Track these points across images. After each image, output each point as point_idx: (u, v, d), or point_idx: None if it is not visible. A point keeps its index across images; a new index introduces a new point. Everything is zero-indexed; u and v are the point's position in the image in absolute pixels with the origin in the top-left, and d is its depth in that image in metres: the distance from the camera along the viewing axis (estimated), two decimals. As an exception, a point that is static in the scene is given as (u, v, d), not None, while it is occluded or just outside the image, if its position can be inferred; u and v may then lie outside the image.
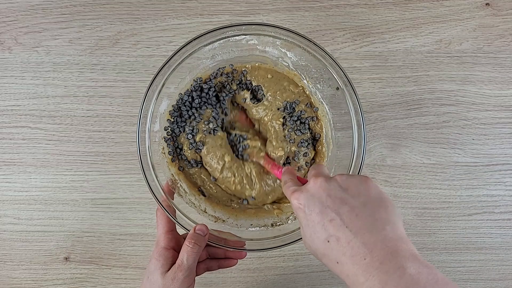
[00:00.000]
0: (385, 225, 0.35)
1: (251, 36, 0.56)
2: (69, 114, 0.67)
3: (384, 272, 0.32)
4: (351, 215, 0.35)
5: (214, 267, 0.55)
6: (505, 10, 0.68)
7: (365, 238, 0.34)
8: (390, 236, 0.34)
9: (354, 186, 0.38)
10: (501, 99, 0.67)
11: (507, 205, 0.67)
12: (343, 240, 0.35)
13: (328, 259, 0.36)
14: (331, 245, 0.36)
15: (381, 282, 0.32)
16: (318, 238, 0.37)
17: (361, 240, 0.34)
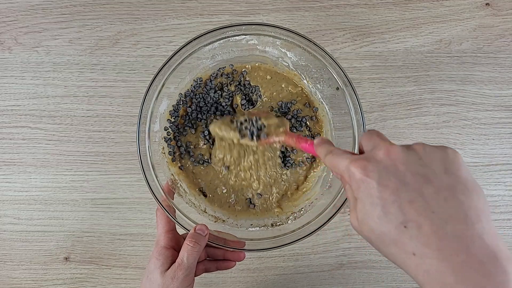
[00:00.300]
0: (480, 216, 0.28)
1: (251, 36, 0.56)
2: (69, 114, 0.67)
3: (485, 276, 0.26)
4: (438, 198, 0.28)
5: (212, 268, 0.55)
6: (505, 10, 0.68)
7: (459, 229, 0.27)
8: (487, 231, 0.28)
9: (439, 161, 0.30)
10: (501, 99, 0.67)
11: (507, 205, 0.67)
12: (427, 227, 0.28)
13: (398, 248, 0.29)
14: (408, 231, 0.28)
15: (477, 286, 0.26)
16: (389, 221, 0.29)
17: (453, 231, 0.27)
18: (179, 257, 0.48)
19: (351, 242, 0.66)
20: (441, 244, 0.27)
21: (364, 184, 0.31)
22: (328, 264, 0.67)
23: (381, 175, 0.30)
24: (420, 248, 0.28)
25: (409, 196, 0.29)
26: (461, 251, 0.27)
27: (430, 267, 0.28)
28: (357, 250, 0.66)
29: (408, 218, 0.29)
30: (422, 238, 0.28)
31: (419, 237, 0.28)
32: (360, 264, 0.66)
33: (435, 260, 0.27)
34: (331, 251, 0.67)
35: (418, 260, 0.28)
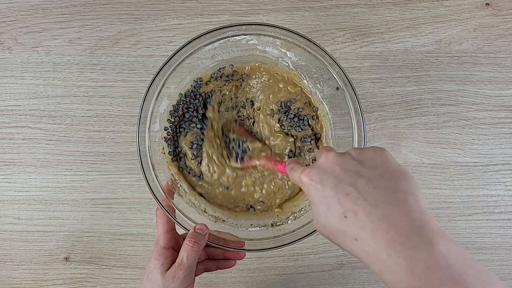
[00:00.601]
0: (407, 197, 0.32)
1: (251, 36, 0.56)
2: (69, 114, 0.67)
3: (410, 248, 0.29)
4: (368, 188, 0.33)
5: (213, 268, 0.55)
6: (505, 10, 0.68)
7: (387, 211, 0.31)
8: (413, 208, 0.31)
9: (369, 158, 0.35)
10: (501, 99, 0.67)
11: (507, 205, 0.67)
12: (361, 213, 0.32)
13: (345, 237, 0.33)
14: (348, 220, 0.32)
15: (407, 258, 0.29)
16: (333, 215, 0.34)
17: (382, 213, 0.31)
18: (179, 257, 0.48)
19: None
20: (373, 225, 0.31)
21: (311, 188, 0.36)
22: (328, 264, 0.67)
23: (322, 177, 0.35)
24: (359, 233, 0.32)
25: (344, 190, 0.33)
26: (389, 228, 0.30)
27: (368, 248, 0.31)
28: (357, 250, 0.66)
29: (346, 209, 0.33)
30: (358, 223, 0.32)
31: (356, 223, 0.32)
32: (360, 264, 0.66)
33: (371, 240, 0.31)
34: (331, 251, 0.67)
35: (359, 244, 0.32)
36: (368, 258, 0.32)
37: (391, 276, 0.30)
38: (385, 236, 0.30)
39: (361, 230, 0.32)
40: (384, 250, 0.30)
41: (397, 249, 0.30)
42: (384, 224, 0.31)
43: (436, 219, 0.66)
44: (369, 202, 0.32)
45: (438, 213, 0.67)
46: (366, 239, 0.31)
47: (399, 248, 0.30)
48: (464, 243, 0.67)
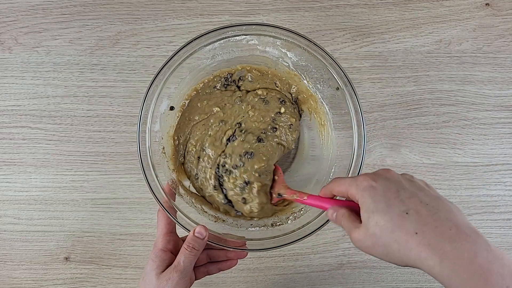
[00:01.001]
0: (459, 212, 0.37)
1: (251, 36, 0.56)
2: (69, 114, 0.67)
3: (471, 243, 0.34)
4: (429, 198, 0.37)
5: (214, 270, 0.55)
6: (505, 10, 0.68)
7: (448, 216, 0.36)
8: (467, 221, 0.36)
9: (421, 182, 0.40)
10: (501, 99, 0.68)
11: (507, 205, 0.67)
12: (424, 213, 0.36)
13: (402, 232, 0.36)
14: (410, 216, 0.36)
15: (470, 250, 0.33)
16: (392, 211, 0.36)
17: (445, 216, 0.36)
18: (176, 260, 0.48)
19: (351, 242, 0.66)
20: (436, 223, 0.35)
21: (370, 189, 0.38)
22: (328, 264, 0.67)
23: (384, 183, 0.39)
24: (420, 228, 0.35)
25: (407, 194, 0.37)
26: (452, 227, 0.35)
27: (430, 241, 0.34)
28: (357, 250, 0.66)
29: (409, 208, 0.36)
30: (421, 220, 0.36)
31: (419, 220, 0.36)
32: (360, 264, 0.66)
33: (433, 234, 0.35)
34: (331, 251, 0.67)
35: (419, 237, 0.35)
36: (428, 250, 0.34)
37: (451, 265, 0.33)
38: (448, 232, 0.34)
39: (423, 225, 0.35)
40: (448, 243, 0.34)
41: (460, 243, 0.34)
42: (447, 224, 0.35)
43: (436, 219, 0.66)
44: (432, 206, 0.36)
45: (438, 213, 0.67)
46: (428, 233, 0.35)
47: (462, 243, 0.34)
48: (464, 243, 0.67)
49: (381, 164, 0.67)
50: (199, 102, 0.61)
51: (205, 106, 0.60)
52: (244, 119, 0.60)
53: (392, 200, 0.37)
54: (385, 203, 0.37)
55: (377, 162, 0.67)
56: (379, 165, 0.67)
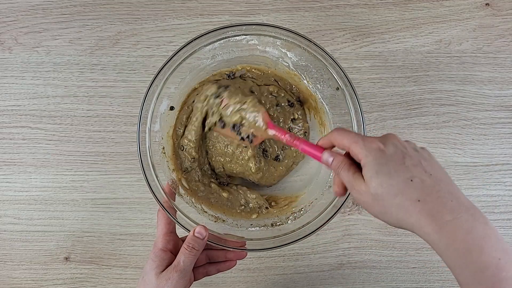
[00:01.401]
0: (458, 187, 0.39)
1: (252, 36, 0.56)
2: (69, 114, 0.67)
3: (471, 215, 0.36)
4: (432, 168, 0.38)
5: (213, 271, 0.55)
6: (505, 10, 0.68)
7: (449, 188, 0.38)
8: (465, 196, 0.38)
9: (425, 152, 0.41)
10: (501, 99, 0.68)
11: (507, 205, 0.67)
12: (428, 182, 0.37)
13: (404, 197, 0.37)
14: (414, 184, 0.37)
15: (469, 221, 0.35)
16: (398, 177, 0.37)
17: (447, 188, 0.37)
18: (176, 260, 0.48)
19: (351, 242, 0.66)
20: (438, 193, 0.37)
21: (378, 151, 0.38)
22: (328, 264, 0.67)
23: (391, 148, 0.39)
24: (423, 196, 0.36)
25: (412, 162, 0.38)
26: (453, 199, 0.37)
27: (432, 210, 0.36)
28: (357, 250, 0.66)
29: (414, 175, 0.37)
30: (425, 189, 0.37)
31: (423, 188, 0.37)
32: (360, 264, 0.66)
33: (435, 204, 0.36)
34: (331, 251, 0.67)
35: (421, 204, 0.36)
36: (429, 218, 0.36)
37: (449, 235, 0.35)
38: (449, 203, 0.36)
39: (426, 195, 0.36)
40: (449, 213, 0.36)
41: (460, 213, 0.36)
42: (449, 195, 0.37)
43: (436, 219, 0.66)
44: (435, 177, 0.38)
45: (438, 213, 0.67)
46: (430, 202, 0.36)
47: (462, 214, 0.36)
48: (464, 243, 0.67)
49: (381, 164, 0.67)
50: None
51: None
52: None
53: (398, 166, 0.38)
54: (392, 167, 0.37)
55: (377, 162, 0.67)
56: (379, 165, 0.67)
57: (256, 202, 0.60)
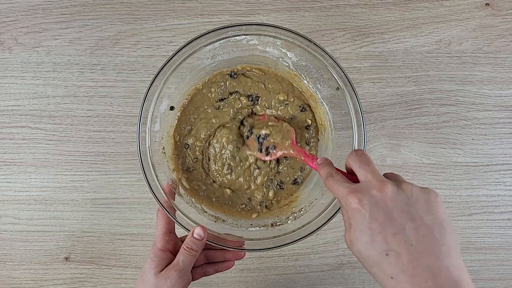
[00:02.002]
0: (451, 252, 0.34)
1: (252, 36, 0.56)
2: (69, 114, 0.67)
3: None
4: (417, 234, 0.34)
5: (211, 271, 0.55)
6: (505, 10, 0.68)
7: (430, 261, 0.33)
8: (455, 264, 0.33)
9: (423, 201, 0.36)
10: (501, 99, 0.68)
11: (507, 205, 0.67)
12: (405, 257, 0.34)
13: (379, 271, 0.35)
14: (389, 259, 0.34)
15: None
16: (374, 248, 0.35)
17: (426, 262, 0.33)
18: (175, 259, 0.48)
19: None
20: (414, 272, 0.33)
21: (358, 213, 0.36)
22: (328, 264, 0.67)
23: (373, 209, 0.35)
24: (397, 274, 0.34)
25: (393, 229, 0.35)
26: (429, 279, 0.32)
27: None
28: (357, 250, 0.66)
29: (390, 248, 0.34)
30: (399, 265, 0.34)
31: (397, 264, 0.34)
32: (360, 264, 0.66)
33: (408, 284, 0.33)
34: (331, 251, 0.67)
35: (394, 282, 0.34)
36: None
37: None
38: (423, 284, 0.32)
39: (400, 272, 0.33)
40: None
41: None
42: (426, 274, 0.33)
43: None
44: (415, 248, 0.34)
45: (438, 213, 0.67)
46: (403, 282, 0.33)
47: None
48: (464, 243, 0.67)
49: (381, 164, 0.67)
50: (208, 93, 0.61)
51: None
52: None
53: (376, 236, 0.35)
54: (369, 236, 0.35)
55: (377, 162, 0.67)
56: (379, 165, 0.67)
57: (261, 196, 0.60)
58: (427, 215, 0.35)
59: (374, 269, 0.35)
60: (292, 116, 0.61)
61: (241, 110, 0.61)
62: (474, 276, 0.67)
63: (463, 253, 0.67)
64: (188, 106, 0.61)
